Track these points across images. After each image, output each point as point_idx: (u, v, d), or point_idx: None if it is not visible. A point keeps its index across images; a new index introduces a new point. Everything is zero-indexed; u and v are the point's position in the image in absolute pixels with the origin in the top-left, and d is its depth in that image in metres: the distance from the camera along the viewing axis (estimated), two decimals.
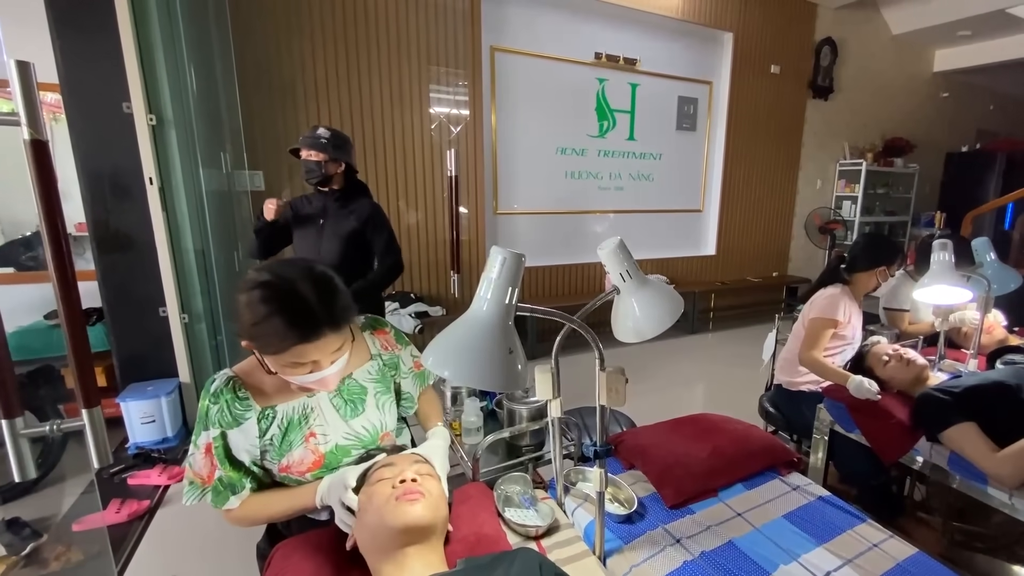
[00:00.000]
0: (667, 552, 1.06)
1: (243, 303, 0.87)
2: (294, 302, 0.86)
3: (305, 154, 1.98)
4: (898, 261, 2.06)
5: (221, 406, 0.95)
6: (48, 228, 0.77)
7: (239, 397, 0.97)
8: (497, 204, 4.06)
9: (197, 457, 0.96)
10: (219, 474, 0.96)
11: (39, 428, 0.85)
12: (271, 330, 0.85)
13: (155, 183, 2.41)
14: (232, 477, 0.97)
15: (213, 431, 0.95)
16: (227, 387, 0.96)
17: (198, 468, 0.96)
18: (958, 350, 2.22)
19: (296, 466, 1.00)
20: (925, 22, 5.53)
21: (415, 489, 0.87)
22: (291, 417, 0.99)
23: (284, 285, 0.86)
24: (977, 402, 1.42)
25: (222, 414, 0.95)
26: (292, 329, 0.85)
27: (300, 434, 0.99)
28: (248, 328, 0.86)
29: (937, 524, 1.79)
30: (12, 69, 0.70)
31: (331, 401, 1.04)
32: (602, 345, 0.96)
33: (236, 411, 0.96)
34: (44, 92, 2.42)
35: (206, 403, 0.96)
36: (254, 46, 2.97)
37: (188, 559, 1.85)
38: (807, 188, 5.75)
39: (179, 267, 2.54)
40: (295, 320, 0.85)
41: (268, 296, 0.85)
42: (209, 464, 0.96)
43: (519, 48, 3.89)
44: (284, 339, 0.85)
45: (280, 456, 0.99)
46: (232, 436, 0.96)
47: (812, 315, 2.00)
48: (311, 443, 1.00)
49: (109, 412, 2.26)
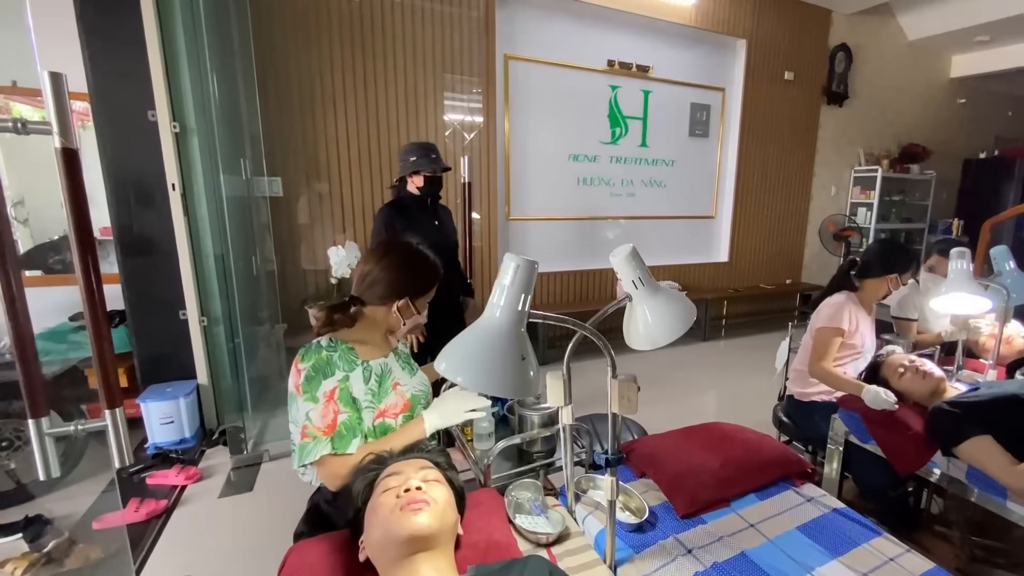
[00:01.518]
0: (678, 562, 1.06)
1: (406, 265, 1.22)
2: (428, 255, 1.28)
3: (430, 176, 2.28)
4: (912, 269, 2.00)
5: (340, 352, 1.16)
6: (76, 234, 0.80)
7: (349, 349, 1.19)
8: (510, 210, 4.08)
9: (317, 410, 1.10)
10: (342, 418, 1.11)
11: (64, 428, 0.88)
12: (433, 271, 1.26)
13: (177, 189, 2.47)
14: (354, 419, 1.13)
15: (338, 374, 1.13)
16: (336, 342, 1.18)
17: (317, 421, 1.09)
18: (977, 360, 2.19)
19: (391, 409, 1.21)
20: (942, 28, 5.46)
21: (419, 498, 0.87)
22: (379, 372, 1.22)
23: (419, 248, 1.27)
24: (992, 414, 1.39)
25: (344, 357, 1.16)
26: (438, 267, 1.28)
27: (389, 384, 1.23)
28: (415, 276, 1.23)
29: (955, 538, 1.76)
30: (45, 80, 0.73)
31: (397, 363, 1.29)
32: (614, 352, 0.97)
33: (350, 358, 1.18)
34: (73, 100, 2.48)
35: (323, 354, 1.14)
36: (274, 56, 3.04)
37: (204, 558, 1.88)
38: (821, 195, 5.69)
39: (199, 271, 2.60)
40: (436, 262, 1.28)
41: (422, 254, 1.26)
42: (331, 412, 1.10)
43: (533, 56, 3.92)
44: (438, 274, 1.27)
45: (379, 401, 1.19)
46: (352, 379, 1.15)
47: (818, 325, 1.97)
48: (399, 390, 1.24)
49: (130, 412, 2.31)
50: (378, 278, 1.20)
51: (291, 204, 3.24)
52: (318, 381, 1.11)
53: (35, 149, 2.63)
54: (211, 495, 2.26)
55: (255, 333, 2.91)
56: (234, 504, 2.21)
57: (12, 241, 0.85)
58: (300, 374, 1.12)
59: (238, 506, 2.20)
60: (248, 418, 2.57)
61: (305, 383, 1.11)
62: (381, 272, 1.20)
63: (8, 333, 0.81)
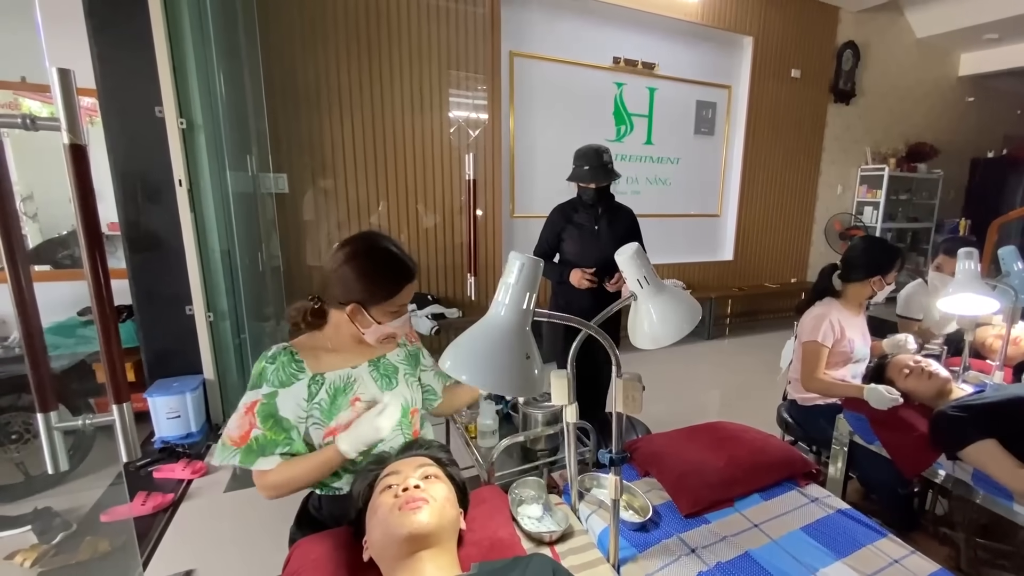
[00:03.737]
0: (682, 561, 1.06)
1: (358, 266, 1.05)
2: (397, 255, 1.09)
3: (596, 184, 2.23)
4: (896, 267, 1.91)
5: (278, 366, 1.07)
6: (84, 229, 0.80)
7: (295, 360, 1.09)
8: (514, 207, 4.07)
9: (234, 419, 1.05)
10: (256, 433, 1.04)
11: (72, 422, 0.88)
12: (395, 275, 1.07)
13: (184, 185, 2.49)
14: (268, 438, 1.04)
15: (264, 389, 1.05)
16: (283, 352, 1.09)
17: (232, 430, 1.04)
18: (983, 361, 2.17)
19: (343, 428, 1.08)
20: (950, 25, 5.40)
21: (417, 497, 0.87)
22: (337, 385, 1.11)
23: (386, 246, 1.09)
24: (997, 418, 1.38)
25: (277, 373, 1.07)
26: (403, 272, 1.08)
27: (346, 399, 1.11)
28: (367, 281, 1.05)
29: (959, 540, 1.75)
30: (54, 76, 0.73)
31: (370, 374, 1.16)
32: (619, 351, 0.96)
33: (290, 371, 1.08)
34: (81, 96, 2.50)
35: (263, 364, 1.07)
36: (280, 53, 3.04)
37: (210, 551, 1.89)
38: (827, 193, 5.65)
39: (205, 267, 2.61)
40: (405, 266, 1.09)
41: (384, 253, 1.08)
42: (247, 424, 1.04)
43: (538, 53, 3.91)
44: (399, 280, 1.07)
45: (329, 418, 1.09)
46: (282, 396, 1.06)
47: (803, 339, 1.92)
48: (356, 407, 1.11)
49: (137, 407, 2.33)
50: (332, 278, 1.07)
51: (297, 200, 3.25)
52: (248, 391, 1.07)
53: (44, 145, 2.65)
54: (217, 489, 2.28)
55: (261, 329, 2.93)
56: (239, 498, 2.23)
57: (21, 236, 0.86)
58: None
59: (243, 500, 2.22)
60: None
61: (248, 386, 1.08)
62: (336, 271, 1.07)
63: (17, 327, 0.82)
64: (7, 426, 2.16)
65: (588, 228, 2.30)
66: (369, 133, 3.36)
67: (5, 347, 2.47)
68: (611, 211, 2.35)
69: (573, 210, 2.35)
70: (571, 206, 2.37)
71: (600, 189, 2.27)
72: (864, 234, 5.06)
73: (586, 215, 2.32)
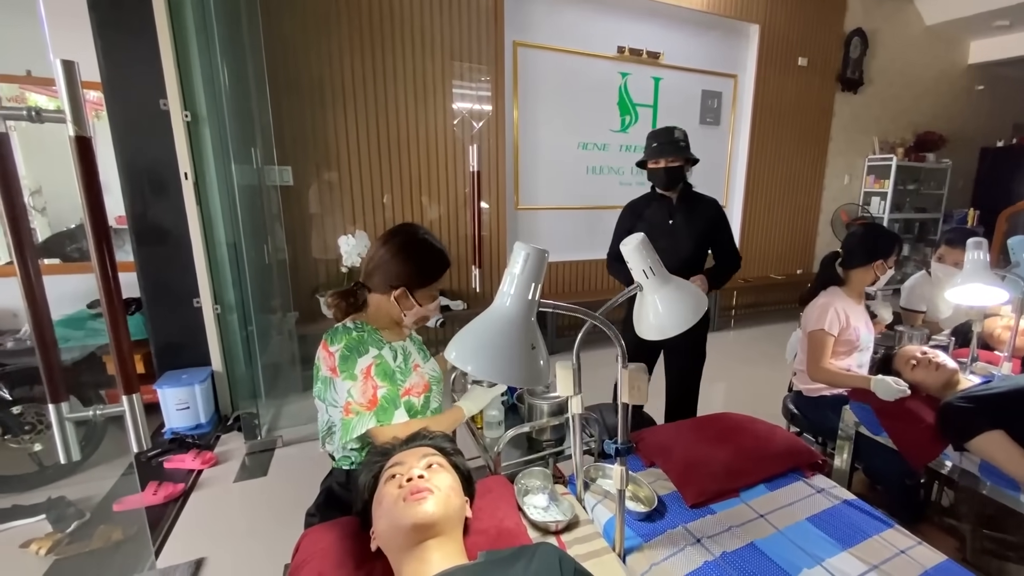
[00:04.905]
0: (687, 551, 1.07)
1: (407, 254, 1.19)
2: (437, 245, 1.25)
3: (665, 162, 1.97)
4: (896, 251, 1.92)
5: (368, 332, 1.20)
6: (91, 222, 0.81)
7: (374, 330, 1.22)
8: (518, 199, 4.06)
9: (357, 387, 1.12)
10: (381, 393, 1.14)
11: (83, 413, 0.90)
12: (438, 262, 1.23)
13: (190, 178, 2.49)
14: (392, 392, 1.16)
15: (372, 351, 1.16)
16: (357, 325, 1.20)
17: (359, 397, 1.12)
18: (991, 352, 2.16)
19: (415, 388, 1.24)
20: (960, 12, 5.30)
21: (422, 487, 0.88)
22: (403, 352, 1.26)
23: (428, 237, 1.24)
24: (1005, 409, 1.37)
25: (372, 338, 1.19)
26: (444, 259, 1.24)
27: (411, 364, 1.27)
28: (414, 267, 1.19)
29: (966, 530, 1.75)
30: (58, 68, 0.73)
31: (414, 347, 1.33)
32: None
33: (376, 338, 1.21)
34: (86, 90, 2.51)
35: (353, 335, 1.17)
36: (283, 45, 3.03)
37: (220, 541, 1.92)
38: (834, 183, 5.60)
39: (212, 259, 2.63)
40: (444, 254, 1.24)
41: (427, 244, 1.23)
42: (371, 388, 1.13)
43: (542, 43, 3.87)
44: (442, 267, 1.23)
45: (404, 380, 1.22)
46: (385, 355, 1.19)
47: (808, 328, 1.93)
48: (419, 371, 1.28)
49: (147, 398, 2.36)
50: (378, 264, 1.20)
51: (302, 193, 3.25)
52: (353, 360, 1.14)
53: (52, 139, 2.66)
54: (227, 479, 2.31)
55: (267, 321, 2.94)
56: (249, 488, 2.26)
57: (29, 230, 0.87)
58: (334, 356, 1.14)
59: (253, 490, 2.24)
60: (262, 404, 2.61)
61: (341, 363, 1.13)
62: (381, 258, 1.20)
63: (28, 320, 0.83)
64: (21, 417, 2.19)
65: (661, 223, 2.04)
66: (373, 125, 3.35)
67: (17, 340, 2.50)
68: (689, 203, 2.06)
69: (645, 205, 2.12)
70: (643, 201, 2.14)
71: (673, 175, 1.98)
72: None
73: (659, 208, 2.07)
